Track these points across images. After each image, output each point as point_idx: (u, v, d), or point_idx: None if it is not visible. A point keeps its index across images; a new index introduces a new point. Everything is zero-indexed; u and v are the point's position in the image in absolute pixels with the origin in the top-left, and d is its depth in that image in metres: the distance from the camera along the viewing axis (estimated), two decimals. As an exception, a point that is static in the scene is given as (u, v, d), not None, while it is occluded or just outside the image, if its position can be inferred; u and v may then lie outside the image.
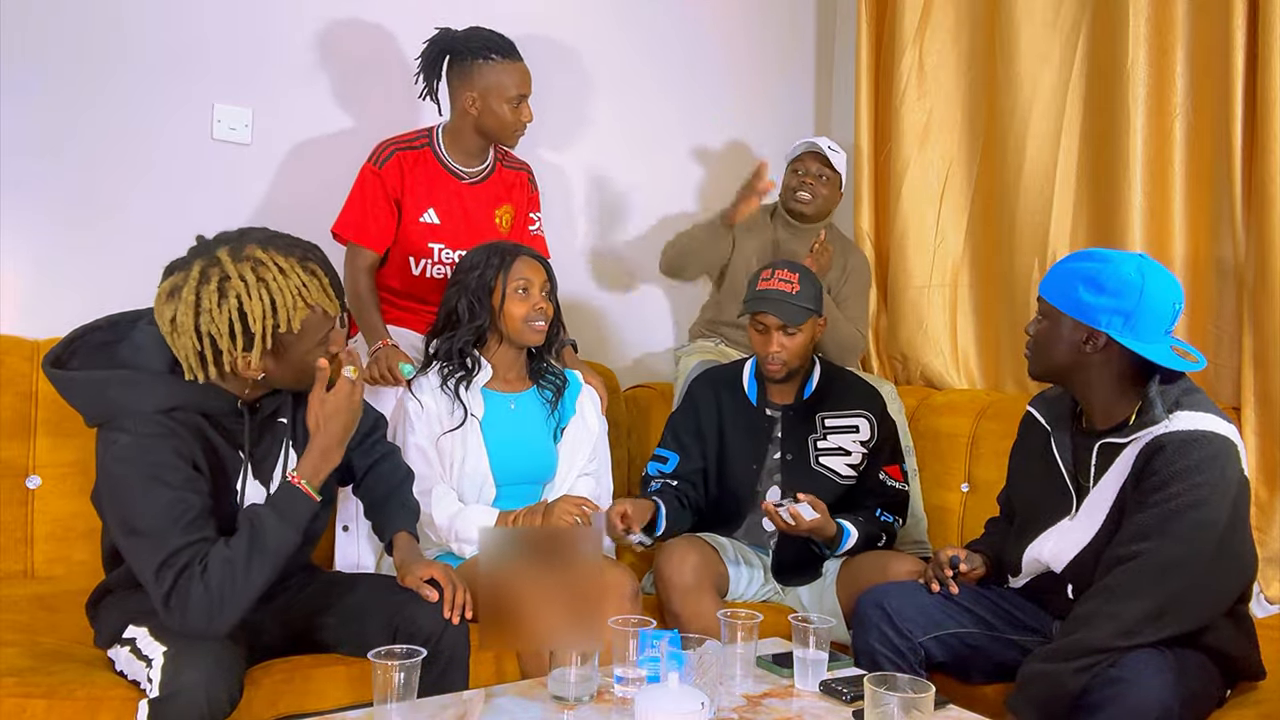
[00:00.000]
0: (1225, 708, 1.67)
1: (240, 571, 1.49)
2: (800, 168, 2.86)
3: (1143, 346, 1.67)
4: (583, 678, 1.54)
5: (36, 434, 2.15)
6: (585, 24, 3.11)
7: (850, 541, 2.17)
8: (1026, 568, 1.87)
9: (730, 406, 2.35)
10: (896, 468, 2.32)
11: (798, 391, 2.33)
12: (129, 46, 2.45)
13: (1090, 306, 1.69)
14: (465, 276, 2.17)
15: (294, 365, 1.62)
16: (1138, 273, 1.68)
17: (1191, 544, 1.58)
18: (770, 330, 2.24)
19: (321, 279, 1.61)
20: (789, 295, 2.23)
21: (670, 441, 2.37)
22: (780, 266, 2.28)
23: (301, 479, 1.59)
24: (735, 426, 2.33)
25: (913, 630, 1.81)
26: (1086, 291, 1.70)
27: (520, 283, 2.16)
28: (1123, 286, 1.67)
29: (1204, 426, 1.63)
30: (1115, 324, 1.68)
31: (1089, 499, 1.75)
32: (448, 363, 2.17)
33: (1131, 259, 1.72)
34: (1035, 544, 1.83)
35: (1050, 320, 1.76)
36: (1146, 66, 2.47)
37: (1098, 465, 1.75)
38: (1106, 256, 1.73)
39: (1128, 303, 1.67)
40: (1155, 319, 1.68)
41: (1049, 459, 1.84)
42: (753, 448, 2.32)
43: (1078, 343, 1.72)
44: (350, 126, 2.73)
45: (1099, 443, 1.75)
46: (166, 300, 1.56)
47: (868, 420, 2.32)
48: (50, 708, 1.50)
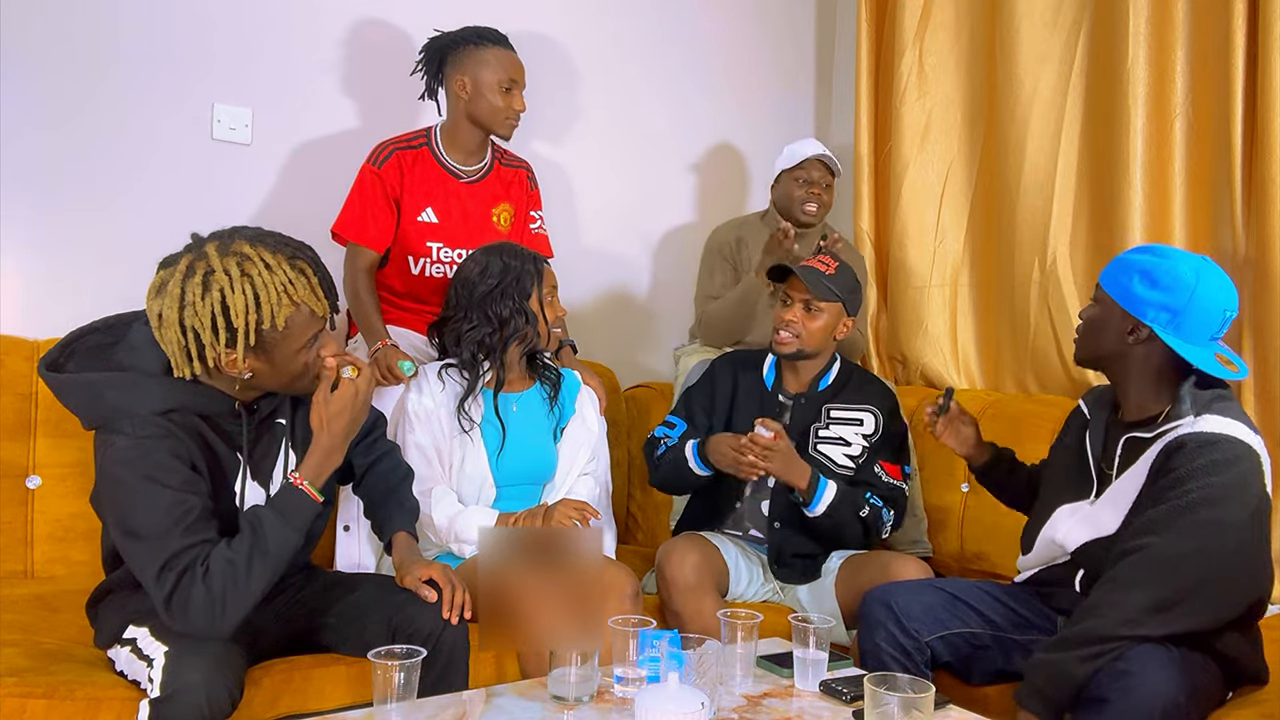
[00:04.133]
0: (1226, 707, 1.67)
1: (242, 573, 1.49)
2: (804, 176, 2.81)
3: (1183, 346, 1.68)
4: (583, 678, 1.54)
5: (36, 434, 2.15)
6: (585, 22, 3.11)
7: (826, 494, 2.15)
8: (1039, 548, 1.87)
9: (745, 386, 2.37)
10: (897, 468, 2.31)
11: (813, 382, 2.34)
12: (129, 47, 2.45)
13: (1140, 299, 1.71)
14: (502, 279, 2.14)
15: (282, 366, 1.60)
16: (1193, 273, 1.69)
17: (1201, 540, 1.58)
18: (794, 302, 2.26)
19: (310, 278, 1.60)
20: (821, 273, 2.24)
21: (681, 410, 2.41)
22: (826, 254, 2.32)
23: (304, 480, 1.59)
24: (745, 406, 2.34)
25: (919, 630, 1.82)
26: (1140, 284, 1.72)
27: (550, 290, 2.19)
28: (1175, 283, 1.69)
29: (1228, 431, 1.63)
30: (1161, 319, 1.70)
31: (1111, 490, 1.76)
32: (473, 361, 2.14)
33: (1191, 260, 1.72)
34: (1051, 523, 1.85)
35: (1102, 307, 1.79)
36: (1146, 66, 2.47)
37: (1122, 457, 1.77)
38: (1167, 253, 1.75)
39: (1177, 300, 1.68)
40: (1202, 321, 1.69)
41: (1081, 445, 1.87)
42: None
43: (1122, 333, 1.75)
44: (350, 127, 2.73)
45: (1127, 435, 1.77)
46: (155, 295, 1.56)
47: (874, 415, 2.31)
48: (50, 708, 1.50)
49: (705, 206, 3.35)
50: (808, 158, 2.81)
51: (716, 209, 3.32)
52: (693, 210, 3.35)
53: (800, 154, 2.82)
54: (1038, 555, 1.89)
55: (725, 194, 3.42)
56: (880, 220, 3.25)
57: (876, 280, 3.24)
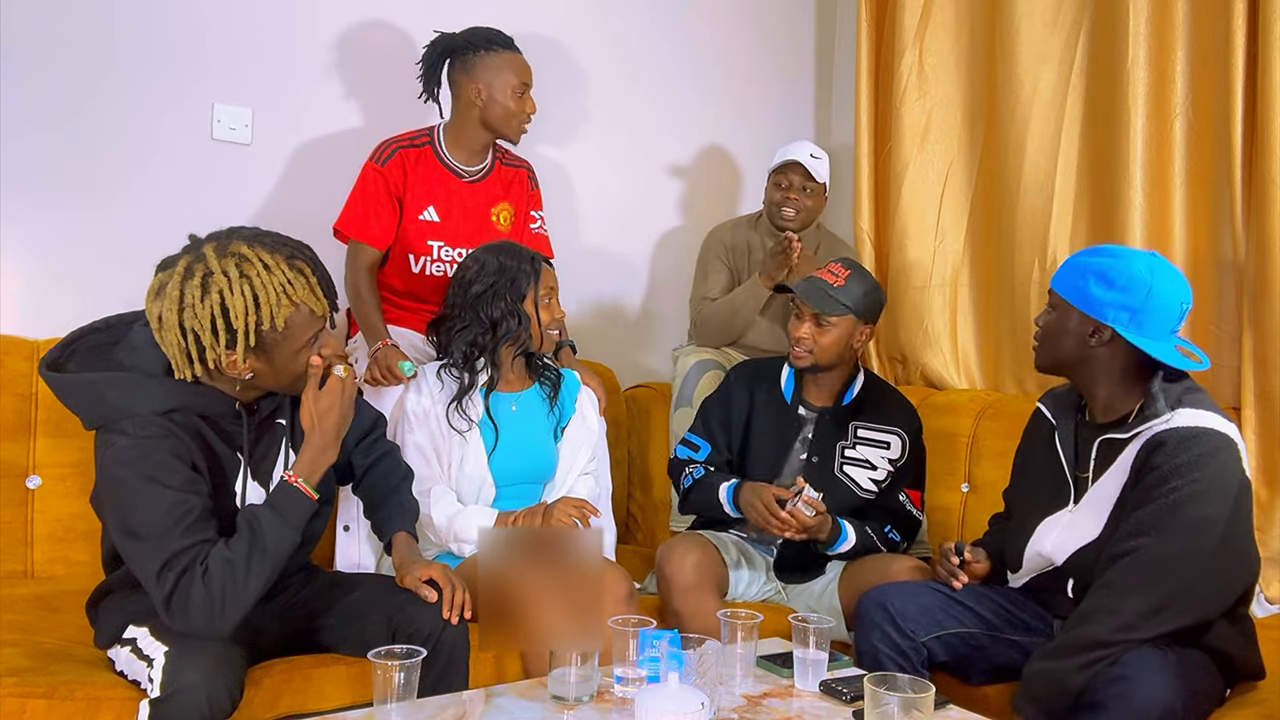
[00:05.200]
0: (1225, 707, 1.67)
1: (240, 572, 1.49)
2: (783, 180, 2.80)
3: (1147, 343, 1.69)
4: (583, 678, 1.54)
5: (36, 434, 2.15)
6: (586, 24, 3.11)
7: (846, 544, 2.17)
8: (1028, 563, 1.87)
9: (763, 401, 2.32)
10: (918, 495, 2.30)
11: (837, 396, 2.30)
12: (129, 47, 2.45)
13: (1098, 301, 1.72)
14: (497, 280, 2.13)
15: (282, 366, 1.60)
16: (1148, 270, 1.70)
17: (1190, 539, 1.58)
18: (805, 317, 2.21)
19: (309, 277, 1.60)
20: (829, 286, 2.19)
21: (701, 429, 2.36)
22: (837, 261, 2.25)
23: (298, 477, 1.59)
24: (763, 422, 2.30)
25: (915, 630, 1.82)
26: (1096, 286, 1.72)
27: (546, 291, 2.17)
28: (1131, 283, 1.69)
29: (1205, 424, 1.64)
30: (1121, 319, 1.70)
31: (1090, 494, 1.76)
32: (465, 361, 2.15)
33: (1143, 257, 1.74)
34: (1036, 537, 1.84)
35: (1059, 312, 1.79)
36: (1146, 66, 2.47)
37: (1098, 460, 1.76)
38: (1119, 253, 1.75)
39: (1135, 299, 1.69)
40: (1161, 317, 1.70)
41: (1051, 451, 1.86)
42: (778, 445, 2.28)
43: (1084, 336, 1.75)
44: (351, 126, 2.73)
45: (1100, 437, 1.76)
46: (154, 298, 1.56)
47: (900, 439, 2.28)
48: (50, 708, 1.50)
49: (705, 207, 3.35)
50: (787, 160, 2.79)
51: (716, 209, 3.32)
52: (693, 211, 3.35)
53: (783, 156, 2.81)
54: (1027, 569, 1.88)
55: (725, 194, 3.42)
56: (880, 220, 3.25)
57: (876, 280, 3.23)
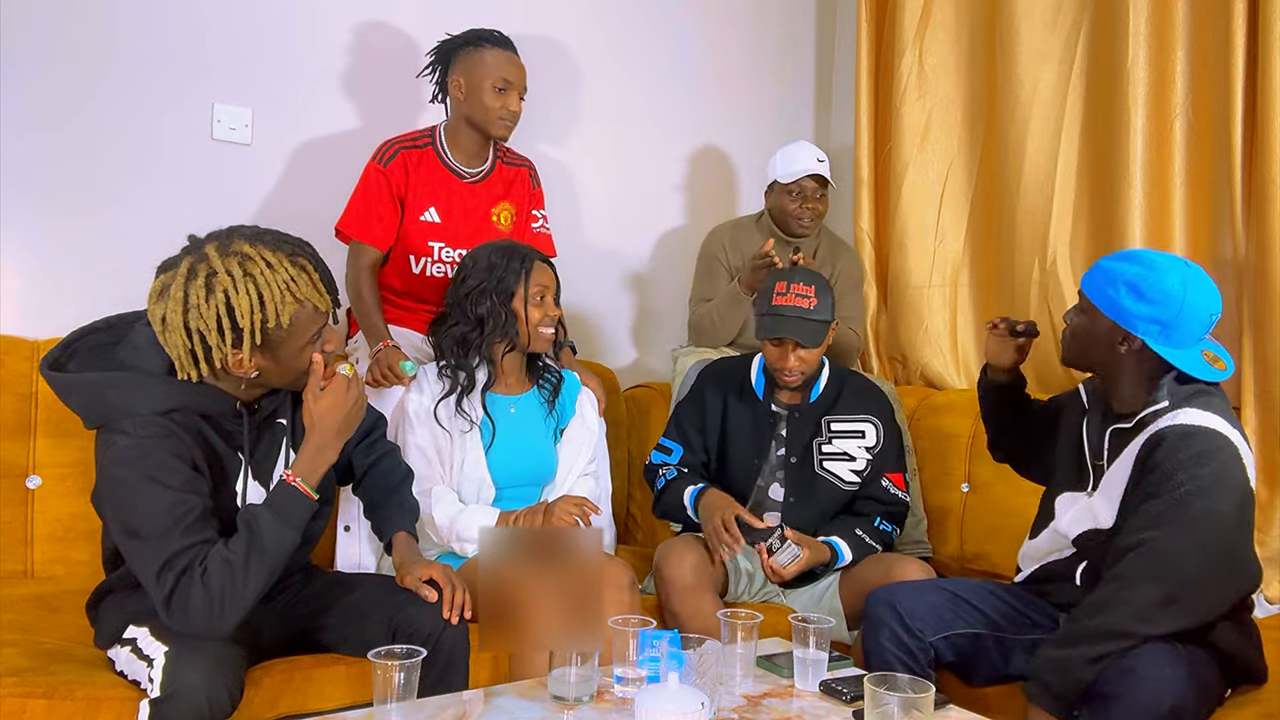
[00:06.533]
0: (1225, 707, 1.67)
1: (239, 572, 1.49)
2: (798, 190, 2.77)
3: (1175, 354, 1.70)
4: (583, 678, 1.54)
5: (36, 434, 2.15)
6: (587, 24, 3.11)
7: (844, 562, 2.20)
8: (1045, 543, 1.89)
9: (735, 401, 2.34)
10: (900, 476, 2.32)
11: (805, 393, 2.32)
12: (129, 47, 2.45)
13: (1129, 313, 1.71)
14: (486, 278, 2.14)
15: (287, 363, 1.61)
16: (1181, 284, 1.69)
17: (1198, 532, 1.59)
18: (788, 346, 2.19)
19: (311, 274, 1.60)
20: (807, 312, 2.16)
21: (674, 432, 2.37)
22: (796, 279, 2.19)
23: (297, 477, 1.59)
24: (739, 422, 2.32)
25: (924, 630, 1.82)
26: (1128, 297, 1.71)
27: (539, 290, 2.15)
28: (1164, 297, 1.69)
29: (1206, 424, 1.65)
30: (1152, 332, 1.71)
31: (1104, 481, 1.78)
32: (457, 360, 2.15)
33: (1176, 269, 1.71)
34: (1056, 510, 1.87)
35: (1089, 316, 1.79)
36: (1146, 66, 2.47)
37: (1110, 449, 1.79)
38: (1152, 263, 1.73)
39: (1167, 313, 1.69)
40: (1191, 328, 1.70)
41: (1078, 436, 1.88)
42: (755, 444, 2.30)
43: (1113, 343, 1.75)
44: (350, 127, 2.73)
45: (1111, 428, 1.79)
46: (157, 299, 1.56)
47: (874, 425, 2.30)
48: (50, 708, 1.50)
49: (706, 207, 3.35)
50: (803, 173, 2.74)
51: (717, 210, 3.32)
52: (693, 211, 3.35)
53: (794, 169, 2.76)
54: (1044, 542, 1.90)
55: (725, 195, 3.42)
56: (880, 220, 3.25)
57: (876, 280, 3.23)
